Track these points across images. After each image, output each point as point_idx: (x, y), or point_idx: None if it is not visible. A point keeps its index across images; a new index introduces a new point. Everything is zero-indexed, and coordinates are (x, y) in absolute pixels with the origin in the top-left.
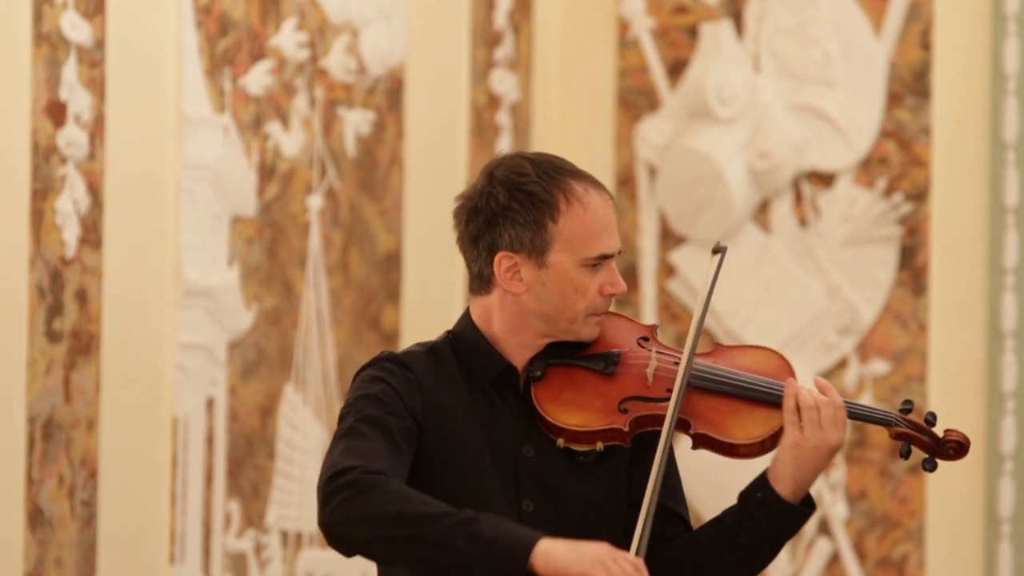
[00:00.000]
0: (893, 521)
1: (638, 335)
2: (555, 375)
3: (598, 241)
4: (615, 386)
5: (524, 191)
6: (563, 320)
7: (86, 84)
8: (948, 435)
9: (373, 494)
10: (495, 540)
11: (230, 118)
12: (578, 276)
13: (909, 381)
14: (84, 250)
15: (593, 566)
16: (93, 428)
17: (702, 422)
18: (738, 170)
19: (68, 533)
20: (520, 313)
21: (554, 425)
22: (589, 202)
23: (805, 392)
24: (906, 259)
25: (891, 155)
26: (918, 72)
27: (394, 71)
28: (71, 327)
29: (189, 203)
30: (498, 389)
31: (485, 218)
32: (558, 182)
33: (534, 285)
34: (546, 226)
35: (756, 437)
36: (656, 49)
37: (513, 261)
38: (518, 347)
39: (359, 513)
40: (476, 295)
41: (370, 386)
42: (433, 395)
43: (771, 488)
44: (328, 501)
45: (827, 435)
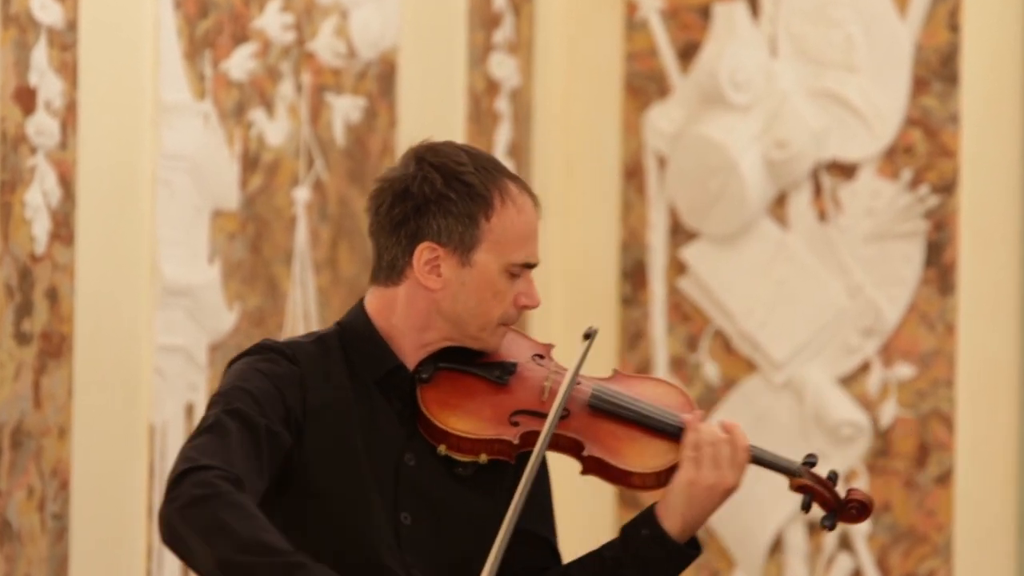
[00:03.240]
0: (919, 535)
1: (534, 351)
2: (445, 379)
3: (525, 247)
4: (508, 397)
5: (462, 180)
6: (473, 325)
7: (57, 69)
8: (851, 495)
9: (219, 505)
10: None
11: (211, 105)
12: (499, 281)
13: (936, 386)
14: (55, 246)
15: None
16: (65, 436)
17: (597, 446)
18: (753, 160)
19: (38, 548)
20: (428, 311)
21: (438, 429)
22: (523, 204)
23: (707, 428)
24: (933, 255)
25: (917, 144)
26: (946, 55)
27: (386, 55)
28: (41, 328)
29: (167, 196)
30: (384, 390)
31: (415, 203)
32: (495, 178)
33: (452, 283)
34: (479, 222)
35: (652, 468)
36: (666, 31)
37: (436, 254)
38: (414, 347)
39: (199, 520)
40: (379, 285)
41: (249, 378)
42: (316, 392)
43: (659, 525)
44: (175, 496)
45: (724, 475)
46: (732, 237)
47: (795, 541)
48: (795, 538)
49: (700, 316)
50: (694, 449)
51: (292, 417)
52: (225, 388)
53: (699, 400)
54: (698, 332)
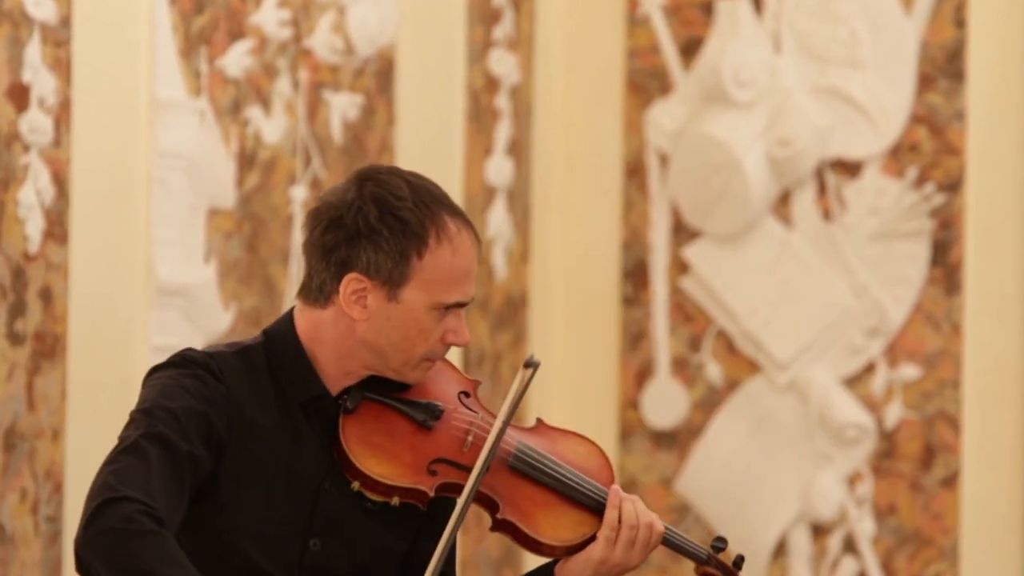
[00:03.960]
0: (925, 538)
1: (460, 388)
2: (369, 412)
3: (458, 288)
4: (430, 443)
5: (397, 216)
6: (396, 360)
7: (51, 65)
8: None
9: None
10: None
11: (207, 102)
12: (426, 318)
13: (942, 387)
14: (49, 245)
15: None
16: (59, 438)
17: (512, 509)
18: (757, 158)
19: (31, 551)
20: (352, 339)
21: (354, 467)
22: (459, 244)
23: (629, 507)
24: (938, 255)
25: (922, 142)
26: (952, 52)
27: (384, 51)
28: (35, 328)
29: (162, 194)
30: (307, 413)
31: (347, 233)
32: (433, 214)
33: (377, 316)
34: (410, 259)
35: (565, 541)
36: (668, 27)
37: (363, 286)
38: (338, 373)
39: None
40: (309, 305)
41: (173, 395)
42: (242, 409)
43: None
44: (92, 526)
45: (634, 556)
46: (735, 236)
47: (799, 544)
48: (799, 541)
49: (703, 316)
50: (612, 529)
51: (215, 437)
52: (148, 405)
53: (702, 402)
54: (700, 332)
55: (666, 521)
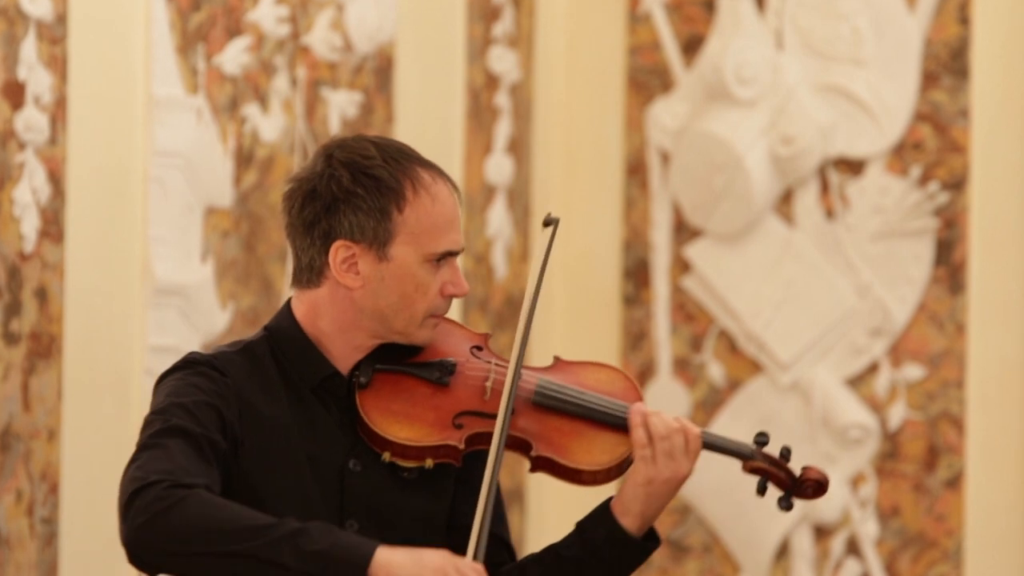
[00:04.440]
0: (928, 540)
1: (471, 343)
2: (383, 383)
3: (444, 236)
4: (449, 398)
5: (369, 175)
6: (399, 320)
7: (46, 63)
8: (806, 473)
9: (184, 507)
10: (328, 552)
11: (204, 100)
12: (420, 272)
13: (946, 387)
14: (44, 244)
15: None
16: (54, 438)
17: (544, 444)
18: (759, 157)
19: (27, 553)
20: (352, 310)
21: (381, 438)
22: (437, 192)
23: (656, 419)
24: (943, 254)
25: (926, 140)
26: (956, 49)
27: (383, 48)
28: (30, 328)
29: (159, 193)
30: (320, 396)
31: (324, 202)
32: (405, 168)
33: (372, 279)
34: (391, 215)
35: (602, 464)
36: (670, 24)
37: (351, 251)
38: (346, 349)
39: (168, 529)
40: (302, 288)
41: (182, 392)
42: (251, 404)
43: (617, 523)
44: (132, 518)
45: (679, 466)
46: (737, 235)
47: (802, 546)
48: (802, 543)
49: (704, 316)
50: (645, 446)
51: (229, 429)
52: (158, 406)
53: (704, 402)
54: (702, 332)
55: (667, 524)
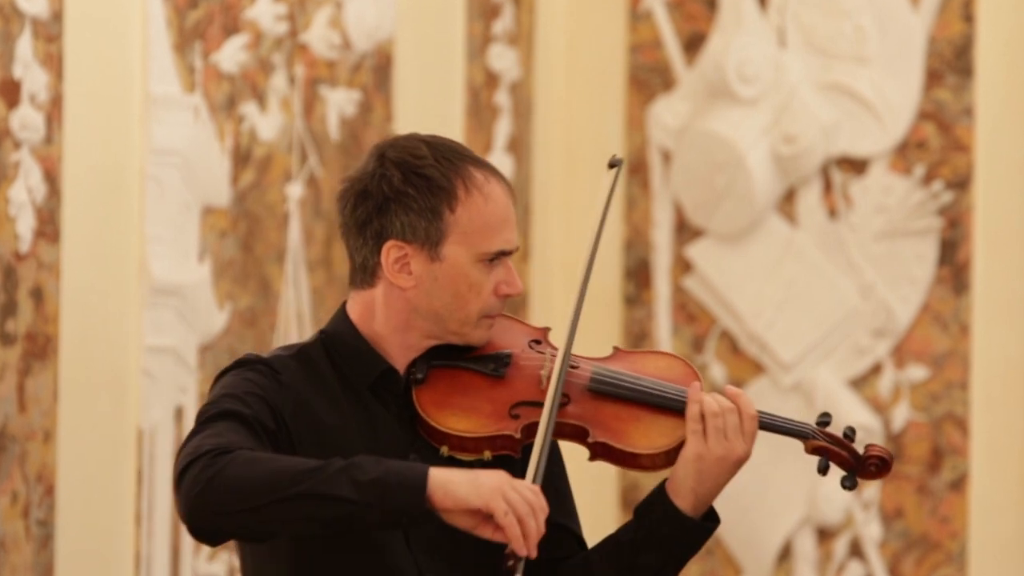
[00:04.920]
0: (932, 542)
1: (529, 337)
2: (439, 378)
3: (497, 235)
4: (506, 390)
5: (420, 174)
6: (453, 321)
7: (42, 61)
8: (869, 451)
9: (233, 467)
10: (384, 479)
11: (201, 98)
12: (473, 272)
13: (950, 388)
14: (40, 244)
15: (493, 496)
16: (50, 440)
17: (601, 430)
18: (761, 156)
19: (22, 556)
20: (406, 310)
21: (438, 431)
22: (490, 192)
23: (709, 398)
24: (946, 254)
25: (930, 139)
26: (960, 47)
27: (382, 46)
28: (26, 329)
29: (156, 192)
30: (377, 394)
31: (376, 202)
32: (457, 167)
33: (424, 280)
34: (442, 215)
35: (660, 447)
36: (671, 22)
37: (403, 252)
38: (401, 348)
39: (223, 491)
40: (357, 289)
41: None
42: (306, 404)
43: (671, 503)
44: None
45: (732, 446)
46: (739, 235)
47: (804, 548)
48: (804, 545)
49: (706, 316)
50: (698, 422)
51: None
52: (209, 401)
53: None
54: (704, 333)
55: None
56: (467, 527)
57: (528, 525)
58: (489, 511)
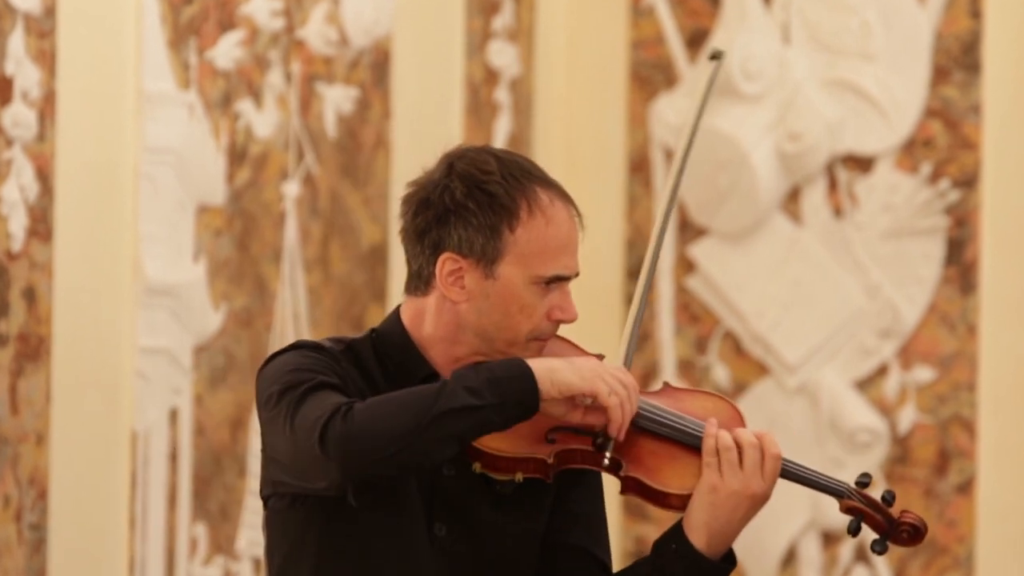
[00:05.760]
0: (939, 547)
1: None
2: None
3: (555, 260)
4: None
5: (484, 190)
6: (501, 340)
7: (35, 57)
8: (903, 516)
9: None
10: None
11: (196, 95)
12: (526, 294)
13: (957, 390)
14: (32, 243)
15: (595, 379)
16: (43, 442)
17: (635, 465)
18: (765, 154)
19: (15, 560)
20: (455, 323)
21: (472, 447)
22: (553, 215)
23: (727, 432)
24: (953, 253)
25: (937, 136)
26: (967, 44)
27: (380, 42)
28: (18, 329)
29: (150, 190)
30: None
31: (436, 212)
32: (523, 187)
33: (476, 295)
34: (502, 233)
35: (692, 488)
36: (673, 18)
37: (458, 265)
38: (447, 360)
39: (371, 435)
40: (411, 295)
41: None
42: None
43: (685, 538)
44: (336, 445)
45: (748, 481)
46: (743, 234)
47: (809, 553)
48: (809, 550)
49: (709, 317)
50: (713, 455)
51: None
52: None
53: None
54: (707, 333)
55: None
56: (558, 414)
57: (626, 407)
58: (593, 393)
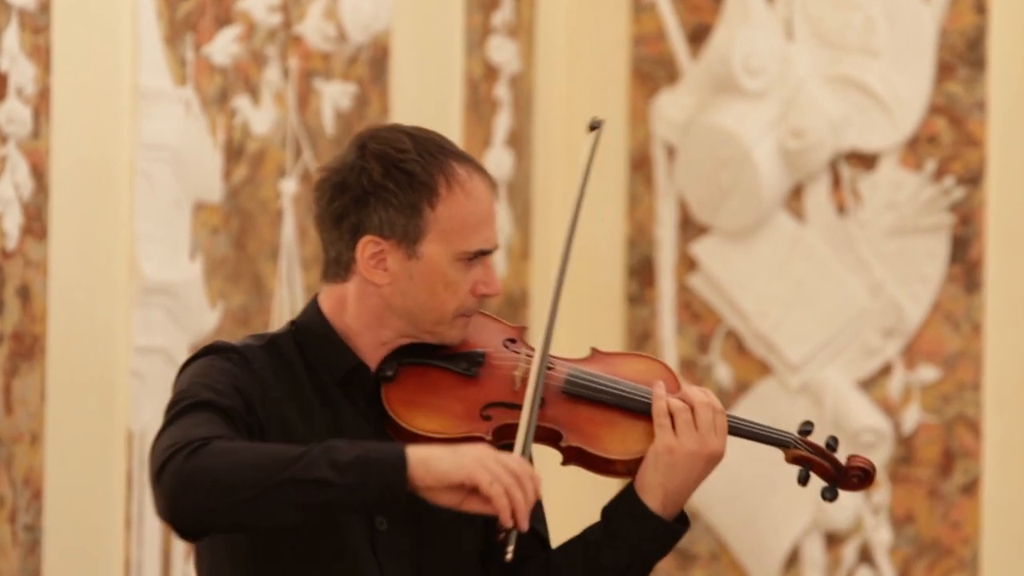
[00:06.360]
0: (944, 548)
1: (504, 336)
2: (409, 376)
3: (477, 234)
4: (478, 390)
5: (402, 169)
6: (428, 320)
7: (29, 53)
8: (852, 461)
9: (214, 458)
10: (364, 458)
11: (192, 92)
12: (451, 271)
13: (962, 389)
14: (27, 241)
15: (476, 468)
16: (37, 443)
17: (575, 434)
18: (768, 150)
19: (9, 562)
20: (380, 307)
21: (407, 431)
22: (472, 189)
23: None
24: (958, 251)
25: (941, 133)
26: (972, 40)
27: (378, 38)
28: (12, 328)
29: (146, 188)
30: (346, 390)
31: (354, 195)
32: (440, 163)
33: (400, 277)
34: (422, 211)
35: (636, 453)
36: (675, 13)
37: (380, 247)
38: (373, 345)
39: (206, 485)
40: (330, 282)
41: (207, 374)
42: (275, 397)
43: (639, 500)
44: (166, 491)
45: (706, 439)
46: (745, 232)
47: (812, 554)
48: (812, 551)
49: (711, 315)
50: (664, 417)
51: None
52: (182, 388)
53: None
54: (709, 332)
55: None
56: (452, 504)
57: (516, 496)
58: (473, 483)
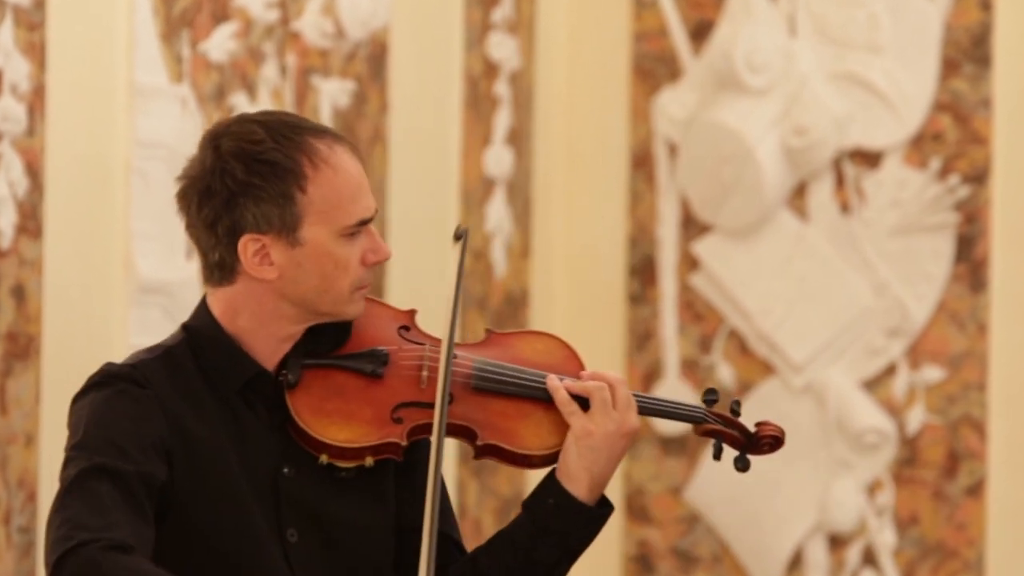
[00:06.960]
0: (949, 550)
1: (398, 323)
2: (314, 380)
3: (354, 204)
4: (386, 391)
5: (263, 161)
6: (325, 302)
7: (24, 50)
8: (761, 429)
9: None
10: None
11: (189, 89)
12: (337, 249)
13: (967, 389)
14: (22, 240)
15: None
16: (32, 444)
17: (490, 431)
18: (771, 148)
19: (4, 564)
20: (273, 302)
21: (317, 440)
22: (337, 162)
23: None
24: (963, 250)
25: (946, 131)
26: (977, 36)
27: (377, 35)
28: (7, 328)
29: (142, 186)
30: (247, 399)
31: (222, 199)
32: (297, 143)
33: (288, 268)
34: (294, 197)
35: (553, 446)
36: (677, 9)
37: (261, 243)
38: (270, 342)
39: None
40: (216, 286)
41: (105, 421)
42: (176, 414)
43: (565, 491)
44: None
45: (623, 417)
46: (748, 230)
47: (815, 556)
48: (815, 553)
49: (713, 315)
50: (570, 404)
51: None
52: (80, 437)
53: None
54: (711, 332)
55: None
56: None
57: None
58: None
